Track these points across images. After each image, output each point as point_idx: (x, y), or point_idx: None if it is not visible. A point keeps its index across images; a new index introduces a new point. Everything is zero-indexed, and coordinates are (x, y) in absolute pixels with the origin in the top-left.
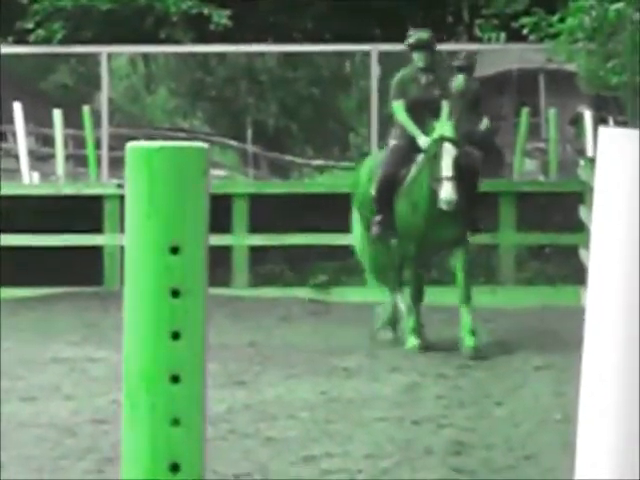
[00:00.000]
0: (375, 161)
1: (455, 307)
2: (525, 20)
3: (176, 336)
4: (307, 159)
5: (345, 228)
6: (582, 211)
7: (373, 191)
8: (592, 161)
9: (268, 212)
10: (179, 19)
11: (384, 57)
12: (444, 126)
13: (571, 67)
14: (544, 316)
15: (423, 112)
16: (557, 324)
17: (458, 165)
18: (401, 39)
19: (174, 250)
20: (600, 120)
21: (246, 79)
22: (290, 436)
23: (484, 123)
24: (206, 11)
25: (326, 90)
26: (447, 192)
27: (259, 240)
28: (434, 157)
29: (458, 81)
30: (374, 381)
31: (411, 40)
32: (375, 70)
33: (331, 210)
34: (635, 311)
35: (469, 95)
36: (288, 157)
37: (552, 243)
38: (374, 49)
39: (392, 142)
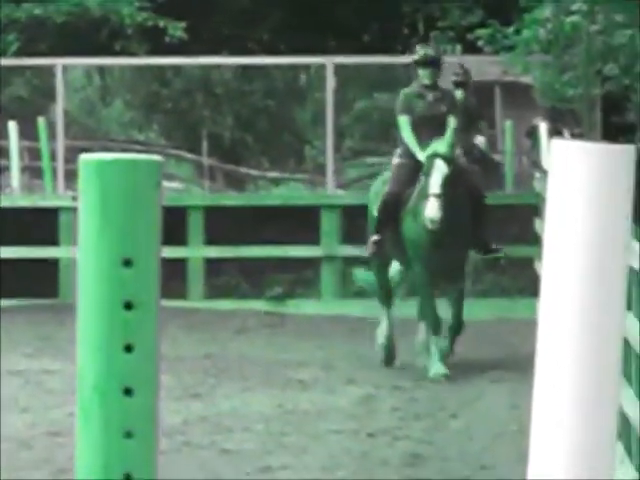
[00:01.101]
0: (384, 180)
1: (412, 319)
2: (481, 32)
3: (129, 349)
4: (263, 171)
5: (300, 240)
6: (537, 223)
7: (375, 211)
8: (547, 173)
9: (224, 224)
10: (134, 31)
11: (339, 69)
12: (439, 143)
13: (527, 79)
14: (500, 328)
15: (430, 129)
16: (513, 336)
17: (455, 183)
18: (356, 51)
19: (127, 263)
20: (556, 132)
21: (202, 91)
22: (246, 448)
23: (479, 140)
24: (161, 23)
25: (281, 102)
26: (432, 210)
27: (214, 252)
28: (426, 174)
29: (456, 97)
30: (329, 393)
31: (417, 56)
32: (330, 82)
33: (287, 222)
34: (587, 322)
35: (468, 111)
36: (244, 169)
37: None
38: (329, 61)
39: (396, 160)
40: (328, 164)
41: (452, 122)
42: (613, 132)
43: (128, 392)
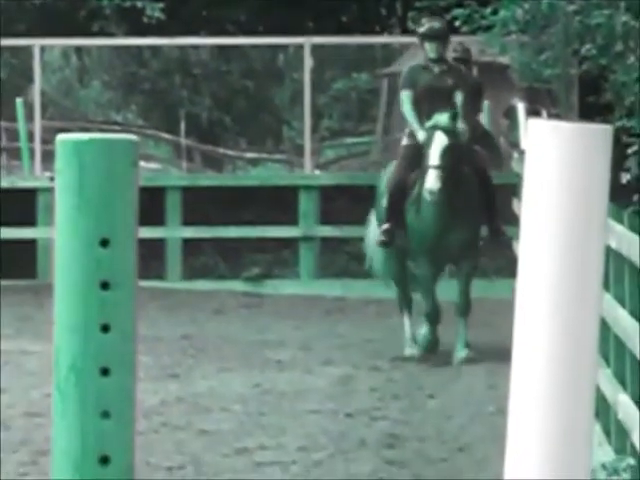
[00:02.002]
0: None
1: (390, 299)
2: (458, 12)
3: (106, 329)
4: (240, 152)
5: (278, 221)
6: (515, 204)
7: (384, 200)
8: (524, 153)
9: (201, 205)
10: (112, 12)
11: (317, 49)
12: (441, 115)
13: (504, 59)
14: (477, 309)
15: (434, 102)
16: (490, 317)
17: (462, 161)
18: (334, 32)
19: (104, 243)
20: (533, 112)
21: (179, 72)
22: (223, 428)
23: (481, 118)
24: (139, 4)
25: (259, 83)
26: (431, 181)
27: (192, 232)
28: (426, 145)
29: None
30: (307, 374)
31: (422, 29)
32: (308, 63)
33: (265, 203)
34: (564, 304)
35: (470, 88)
36: (221, 150)
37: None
38: (307, 42)
39: (404, 141)
40: (306, 144)
41: (459, 96)
42: (590, 112)
43: (105, 372)
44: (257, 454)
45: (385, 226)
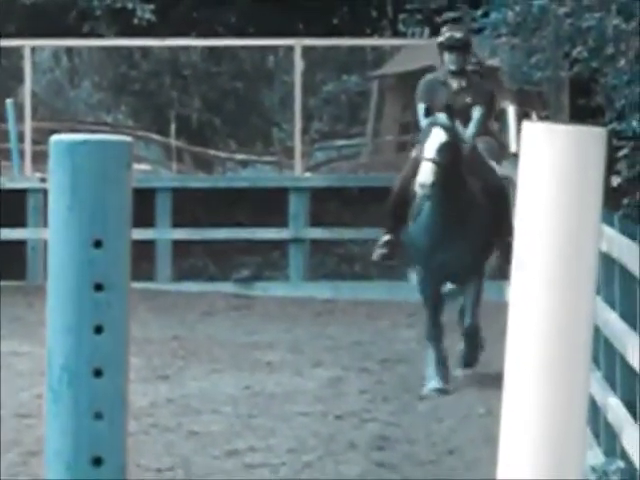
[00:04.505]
0: None
1: (380, 301)
2: (449, 15)
3: (99, 330)
4: (230, 153)
5: (268, 222)
6: None
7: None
8: (515, 156)
9: (191, 206)
10: (103, 13)
11: (308, 51)
12: (442, 115)
13: (494, 62)
14: None
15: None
16: (481, 319)
17: (454, 157)
18: (325, 34)
19: (97, 244)
20: (523, 115)
21: (170, 73)
22: (213, 430)
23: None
24: (130, 5)
25: (250, 85)
26: (424, 174)
27: (182, 234)
28: (421, 142)
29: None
30: (297, 375)
31: (442, 38)
32: (299, 65)
33: (255, 205)
34: (558, 308)
35: (488, 102)
36: (212, 151)
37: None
38: (298, 43)
39: (413, 153)
40: (296, 146)
41: (477, 112)
42: (580, 115)
43: (98, 373)
44: (247, 456)
45: (385, 237)
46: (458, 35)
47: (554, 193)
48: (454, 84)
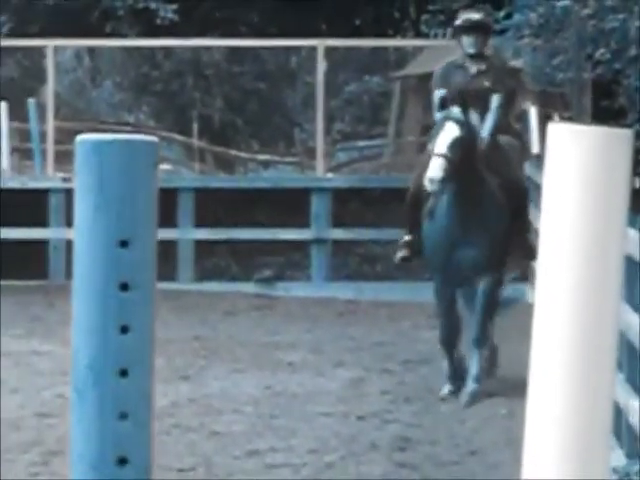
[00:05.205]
0: None
1: (402, 302)
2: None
3: (125, 330)
4: (252, 154)
5: (290, 223)
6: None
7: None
8: (537, 157)
9: (214, 206)
10: (125, 13)
11: (330, 52)
12: (455, 107)
13: (517, 63)
14: None
15: (469, 106)
16: (503, 321)
17: (467, 153)
18: (347, 34)
19: (123, 243)
20: (545, 116)
21: (192, 73)
22: (234, 430)
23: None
24: (152, 5)
25: (272, 85)
26: (433, 169)
27: (204, 234)
28: (434, 136)
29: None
30: (319, 376)
31: (459, 21)
32: (321, 65)
33: (277, 205)
34: (584, 311)
35: (508, 89)
36: (233, 151)
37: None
38: (320, 44)
39: (429, 147)
40: (318, 147)
41: (495, 100)
42: (603, 116)
43: (123, 373)
44: (268, 456)
45: (405, 238)
46: (476, 17)
47: (580, 195)
48: (472, 68)
